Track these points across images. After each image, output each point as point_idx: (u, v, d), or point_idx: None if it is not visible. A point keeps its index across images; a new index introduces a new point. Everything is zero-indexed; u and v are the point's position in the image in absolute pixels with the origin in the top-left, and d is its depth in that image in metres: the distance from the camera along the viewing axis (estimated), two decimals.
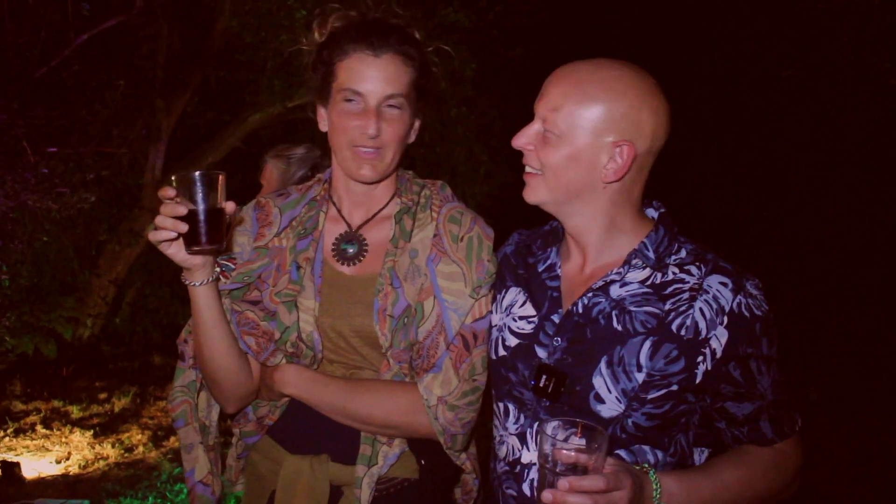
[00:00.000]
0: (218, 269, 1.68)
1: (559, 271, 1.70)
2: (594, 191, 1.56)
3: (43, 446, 5.58)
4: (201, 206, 1.50)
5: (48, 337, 7.74)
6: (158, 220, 1.51)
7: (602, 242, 1.62)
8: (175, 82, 8.27)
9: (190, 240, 1.52)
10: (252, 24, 6.66)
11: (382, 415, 1.70)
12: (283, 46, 6.79)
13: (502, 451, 1.68)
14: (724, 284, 1.50)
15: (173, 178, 1.53)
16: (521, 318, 1.69)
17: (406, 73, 1.71)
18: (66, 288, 8.52)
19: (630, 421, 1.51)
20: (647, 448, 1.53)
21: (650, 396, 1.49)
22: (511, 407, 1.65)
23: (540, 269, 1.74)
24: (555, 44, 9.00)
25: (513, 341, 1.68)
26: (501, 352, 1.70)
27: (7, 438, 5.68)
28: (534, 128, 1.59)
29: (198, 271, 1.60)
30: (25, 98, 6.75)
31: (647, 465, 1.45)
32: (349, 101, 1.69)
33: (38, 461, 5.29)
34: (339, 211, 1.86)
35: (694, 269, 1.54)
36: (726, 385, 1.50)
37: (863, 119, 8.01)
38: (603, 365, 1.52)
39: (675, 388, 1.49)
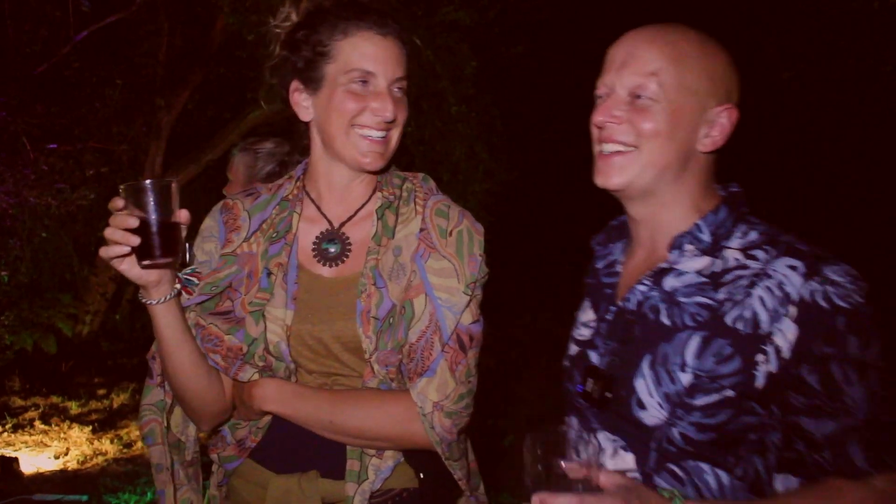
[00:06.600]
0: (178, 286, 1.57)
1: (619, 268, 1.52)
2: (686, 165, 1.37)
3: (41, 441, 5.58)
4: (153, 217, 1.40)
5: (48, 332, 7.73)
6: (108, 232, 1.40)
7: (677, 230, 1.40)
8: (175, 79, 8.26)
9: (142, 253, 1.42)
10: (252, 21, 6.63)
11: (374, 427, 1.57)
12: None
13: None
14: (793, 268, 1.24)
15: (121, 188, 1.42)
16: (582, 324, 1.56)
17: (405, 57, 1.66)
18: (64, 285, 8.51)
19: (676, 431, 1.28)
20: (705, 466, 1.28)
21: (698, 402, 1.26)
22: (573, 420, 1.50)
23: (599, 267, 1.58)
24: (556, 42, 8.98)
25: (573, 350, 1.55)
26: (565, 363, 1.58)
27: (5, 433, 5.67)
28: (620, 97, 1.37)
29: (153, 288, 1.49)
30: (25, 95, 6.75)
31: (676, 491, 1.18)
32: (357, 82, 1.59)
33: (36, 456, 5.28)
34: (318, 208, 1.73)
35: (761, 254, 1.30)
36: (797, 394, 1.22)
37: (865, 123, 8.00)
38: (645, 365, 1.32)
39: (730, 393, 1.24)
